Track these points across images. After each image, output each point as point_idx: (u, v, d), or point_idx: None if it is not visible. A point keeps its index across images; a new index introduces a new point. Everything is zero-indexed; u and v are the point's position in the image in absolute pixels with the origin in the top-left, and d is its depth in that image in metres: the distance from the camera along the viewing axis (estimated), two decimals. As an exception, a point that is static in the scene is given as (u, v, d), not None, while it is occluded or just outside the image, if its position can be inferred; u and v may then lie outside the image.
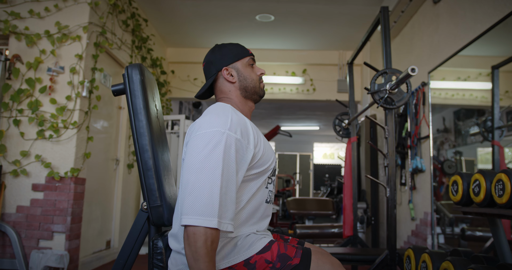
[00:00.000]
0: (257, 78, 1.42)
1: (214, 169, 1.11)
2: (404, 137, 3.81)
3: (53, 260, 2.90)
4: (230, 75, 1.38)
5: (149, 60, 4.81)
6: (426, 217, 3.41)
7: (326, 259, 1.26)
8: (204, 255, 1.06)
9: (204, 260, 1.06)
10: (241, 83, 1.39)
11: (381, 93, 2.02)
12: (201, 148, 1.15)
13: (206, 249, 1.06)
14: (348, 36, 5.20)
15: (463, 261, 1.57)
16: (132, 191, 4.52)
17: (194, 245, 1.06)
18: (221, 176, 1.12)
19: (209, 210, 1.07)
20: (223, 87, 1.40)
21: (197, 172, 1.12)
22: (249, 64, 1.41)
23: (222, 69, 1.38)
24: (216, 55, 1.40)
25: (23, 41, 3.21)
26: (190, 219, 1.07)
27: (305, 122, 10.61)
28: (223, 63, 1.38)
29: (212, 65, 1.40)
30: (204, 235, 1.06)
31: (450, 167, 3.33)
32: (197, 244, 1.06)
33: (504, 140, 2.70)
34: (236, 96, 1.39)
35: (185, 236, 1.09)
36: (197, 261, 1.06)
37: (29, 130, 3.16)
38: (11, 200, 3.11)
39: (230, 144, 1.16)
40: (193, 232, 1.07)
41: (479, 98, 3.32)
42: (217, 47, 1.43)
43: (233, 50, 1.40)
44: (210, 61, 1.41)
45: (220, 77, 1.40)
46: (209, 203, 1.08)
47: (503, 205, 1.42)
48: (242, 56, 1.40)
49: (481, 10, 2.78)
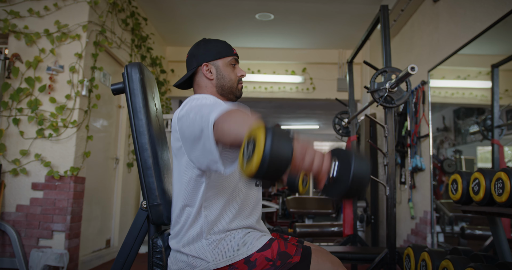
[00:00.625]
0: (236, 79, 1.43)
1: (206, 100, 1.18)
2: (404, 136, 3.81)
3: (53, 259, 2.90)
4: (209, 71, 1.40)
5: (149, 59, 4.81)
6: (426, 215, 3.41)
7: (326, 257, 1.26)
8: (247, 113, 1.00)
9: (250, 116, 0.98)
10: (218, 81, 1.40)
11: (381, 91, 2.02)
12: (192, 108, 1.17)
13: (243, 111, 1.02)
14: (347, 34, 5.20)
15: (462, 259, 1.57)
16: (132, 190, 4.52)
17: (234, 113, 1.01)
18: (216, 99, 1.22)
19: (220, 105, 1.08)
20: (201, 82, 1.42)
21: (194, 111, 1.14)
22: (231, 64, 1.42)
23: (202, 64, 1.40)
24: (200, 49, 1.42)
25: (23, 40, 3.21)
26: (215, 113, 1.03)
27: (305, 121, 10.60)
28: (204, 59, 1.40)
29: (194, 58, 1.42)
30: (235, 109, 1.03)
31: (450, 166, 3.33)
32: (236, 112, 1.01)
33: (503, 138, 2.71)
34: (211, 92, 1.41)
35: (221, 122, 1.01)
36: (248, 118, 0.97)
37: (29, 129, 3.16)
38: (11, 199, 3.11)
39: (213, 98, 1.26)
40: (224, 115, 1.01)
41: (479, 97, 3.32)
42: (203, 42, 1.45)
43: (217, 47, 1.42)
44: (193, 54, 1.43)
45: (199, 72, 1.42)
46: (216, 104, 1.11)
47: (503, 204, 1.42)
48: (225, 55, 1.42)
49: (481, 8, 2.77)
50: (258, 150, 0.78)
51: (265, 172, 0.79)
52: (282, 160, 0.79)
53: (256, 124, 0.86)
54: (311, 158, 0.83)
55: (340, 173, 0.86)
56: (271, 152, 0.77)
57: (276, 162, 0.78)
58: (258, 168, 0.79)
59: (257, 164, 0.78)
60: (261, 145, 0.78)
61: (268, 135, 0.79)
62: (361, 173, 0.84)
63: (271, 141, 0.78)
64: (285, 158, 0.79)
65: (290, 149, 0.80)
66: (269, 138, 0.78)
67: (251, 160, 0.80)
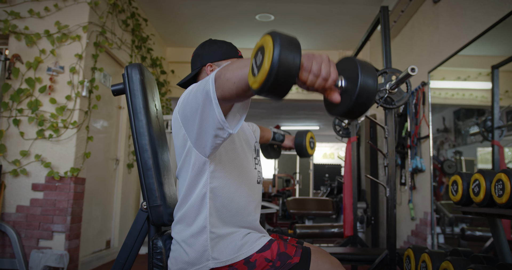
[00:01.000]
0: None
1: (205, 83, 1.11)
2: (404, 137, 3.81)
3: (53, 259, 2.90)
4: (212, 71, 1.39)
5: (149, 59, 4.81)
6: (426, 217, 3.41)
7: (326, 258, 1.26)
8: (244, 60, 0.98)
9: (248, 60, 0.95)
10: None
11: (381, 92, 2.02)
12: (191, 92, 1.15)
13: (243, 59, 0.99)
14: (348, 35, 5.20)
15: (462, 261, 1.57)
16: (132, 191, 4.52)
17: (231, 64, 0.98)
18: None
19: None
20: None
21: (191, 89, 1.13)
22: None
23: (206, 64, 1.40)
24: (205, 50, 1.43)
25: (23, 41, 3.21)
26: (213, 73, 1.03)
27: (305, 122, 10.60)
28: (209, 59, 1.40)
29: (198, 58, 1.42)
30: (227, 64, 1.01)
31: (450, 167, 3.33)
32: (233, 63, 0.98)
33: (504, 140, 2.70)
34: None
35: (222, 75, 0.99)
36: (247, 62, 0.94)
37: (29, 129, 3.16)
38: (11, 200, 3.11)
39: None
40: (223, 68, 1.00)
41: (479, 98, 3.32)
42: (208, 42, 1.45)
43: (222, 48, 1.42)
44: (198, 54, 1.43)
45: (203, 72, 1.42)
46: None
47: (503, 205, 1.42)
48: (230, 56, 1.42)
49: (481, 9, 2.77)
50: (268, 57, 0.77)
51: (275, 80, 0.77)
52: (291, 66, 0.77)
53: (265, 35, 0.84)
54: (318, 65, 0.82)
55: (348, 84, 0.83)
56: (280, 58, 0.76)
57: (286, 68, 0.77)
58: (267, 76, 0.77)
59: (266, 71, 0.77)
60: (270, 52, 0.77)
61: (277, 42, 0.77)
62: (368, 84, 0.81)
63: (279, 48, 0.77)
64: (294, 65, 0.78)
65: (298, 55, 0.78)
66: (277, 45, 0.77)
67: (260, 68, 0.79)
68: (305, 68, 0.82)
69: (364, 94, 0.82)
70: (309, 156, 1.97)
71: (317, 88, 0.85)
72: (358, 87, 0.81)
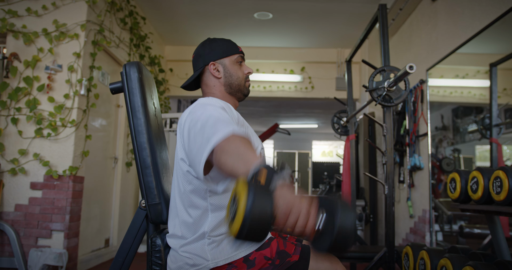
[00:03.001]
0: (243, 77, 1.43)
1: (214, 114, 1.12)
2: (403, 135, 3.81)
3: (51, 258, 2.90)
4: (216, 70, 1.40)
5: (147, 58, 4.80)
6: (425, 214, 3.42)
7: (325, 256, 1.26)
8: (246, 144, 0.98)
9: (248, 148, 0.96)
10: (226, 80, 1.40)
11: (379, 90, 2.02)
12: (197, 117, 1.16)
13: (243, 141, 0.99)
14: (346, 34, 5.20)
15: (461, 258, 1.58)
16: (131, 189, 4.52)
17: (233, 144, 0.98)
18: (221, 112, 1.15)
19: (222, 125, 1.05)
20: (208, 81, 1.41)
21: (200, 123, 1.12)
22: (237, 62, 1.42)
23: (209, 63, 1.40)
24: (205, 49, 1.42)
25: (21, 40, 3.20)
26: (214, 139, 1.02)
27: (304, 120, 10.61)
28: (211, 58, 1.40)
29: (200, 58, 1.41)
30: (233, 136, 1.00)
31: (449, 165, 3.34)
32: (235, 143, 0.98)
33: (502, 137, 2.71)
34: (220, 91, 1.41)
35: (219, 152, 1.00)
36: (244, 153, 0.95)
37: (27, 128, 3.15)
38: (10, 198, 3.11)
39: (220, 106, 1.21)
40: (223, 143, 1.00)
41: (477, 96, 3.32)
42: (208, 41, 1.44)
43: (223, 46, 1.41)
44: (199, 54, 1.42)
45: (207, 71, 1.41)
46: (218, 121, 1.08)
47: (501, 202, 1.43)
48: (231, 53, 1.41)
49: (479, 7, 2.78)
50: (239, 215, 0.78)
51: (245, 237, 0.79)
52: (262, 226, 0.78)
53: (243, 178, 0.85)
54: (294, 218, 0.81)
55: (326, 227, 0.84)
56: (250, 221, 0.76)
57: (256, 228, 0.78)
58: (238, 233, 0.79)
59: (237, 229, 0.78)
60: (241, 211, 0.77)
61: (249, 200, 0.77)
62: (345, 229, 0.82)
63: (250, 208, 0.76)
64: (265, 223, 0.78)
65: (270, 214, 0.78)
66: (249, 203, 0.77)
67: (233, 221, 0.80)
68: (280, 222, 0.81)
69: (341, 240, 0.82)
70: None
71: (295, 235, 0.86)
72: (335, 236, 0.81)
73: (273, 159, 12.76)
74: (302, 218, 0.81)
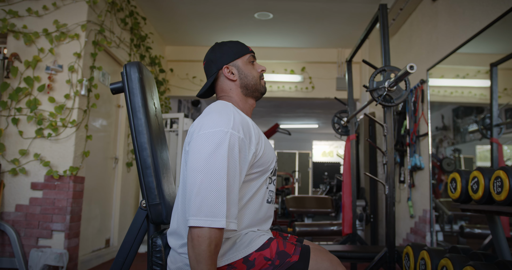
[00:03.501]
0: (258, 75, 1.42)
1: (220, 169, 1.12)
2: (403, 135, 3.81)
3: (52, 258, 2.90)
4: (231, 73, 1.38)
5: (148, 58, 4.80)
6: (425, 214, 3.42)
7: (325, 256, 1.26)
8: (207, 258, 1.07)
9: (206, 263, 1.07)
10: (242, 81, 1.38)
11: (380, 90, 2.02)
12: (206, 149, 1.14)
13: (210, 252, 1.07)
14: (346, 34, 5.20)
15: (461, 258, 1.58)
16: (131, 190, 4.52)
17: (198, 248, 1.07)
18: (227, 176, 1.12)
19: (217, 210, 1.09)
20: (224, 86, 1.40)
21: (203, 173, 1.12)
22: (250, 61, 1.41)
23: (222, 67, 1.38)
24: (216, 54, 1.40)
25: (21, 40, 3.20)
26: (198, 220, 1.08)
27: (304, 120, 10.60)
28: (223, 61, 1.38)
29: (212, 63, 1.39)
30: (209, 239, 1.07)
31: (449, 165, 3.33)
32: (201, 247, 1.07)
33: (502, 137, 2.71)
34: (237, 94, 1.39)
35: (189, 238, 1.09)
36: (200, 263, 1.07)
37: (28, 128, 3.15)
38: (10, 199, 3.11)
39: (234, 144, 1.16)
40: (198, 234, 1.07)
41: (477, 96, 3.32)
42: (217, 46, 1.43)
43: (233, 48, 1.40)
44: (211, 59, 1.40)
45: (221, 76, 1.40)
46: (217, 203, 1.09)
47: (502, 202, 1.43)
48: (243, 54, 1.40)
49: (479, 7, 2.78)
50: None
51: None
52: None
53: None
54: None
55: None
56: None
57: None
58: None
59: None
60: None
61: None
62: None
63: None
64: None
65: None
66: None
67: None
68: None
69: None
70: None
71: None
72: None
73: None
74: None
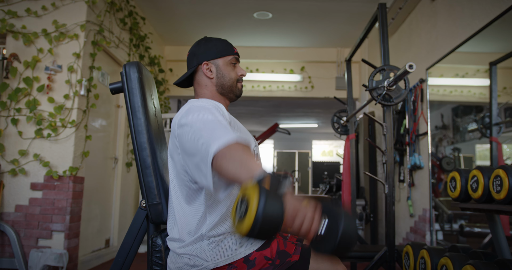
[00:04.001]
0: (236, 78, 1.43)
1: (211, 116, 1.16)
2: (403, 134, 3.81)
3: (52, 259, 2.90)
4: (209, 70, 1.40)
5: (147, 58, 4.80)
6: (425, 213, 3.42)
7: (325, 256, 1.26)
8: (248, 152, 1.00)
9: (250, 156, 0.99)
10: (218, 80, 1.40)
11: (379, 90, 2.02)
12: (192, 118, 1.18)
13: (245, 149, 1.01)
14: (346, 33, 5.20)
15: (461, 257, 1.58)
16: (131, 190, 4.52)
17: (235, 152, 1.00)
18: (219, 120, 1.15)
19: (226, 132, 1.07)
20: (201, 80, 1.42)
21: (199, 125, 1.14)
22: (231, 63, 1.42)
23: (202, 63, 1.40)
24: (200, 48, 1.42)
25: (21, 40, 3.20)
26: (217, 143, 1.02)
27: (304, 119, 10.60)
28: (205, 57, 1.40)
29: (194, 56, 1.42)
30: (236, 144, 1.02)
31: (449, 164, 3.34)
32: (237, 151, 1.00)
33: (502, 136, 2.71)
34: (211, 91, 1.41)
35: (220, 159, 1.01)
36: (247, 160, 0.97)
37: (27, 129, 3.15)
38: (10, 199, 3.11)
39: (214, 107, 1.23)
40: (225, 150, 1.01)
41: (477, 95, 3.32)
42: (204, 40, 1.44)
43: (218, 46, 1.41)
44: (194, 52, 1.43)
45: (200, 70, 1.42)
46: (223, 129, 1.09)
47: (501, 201, 1.43)
48: (226, 54, 1.41)
49: (478, 6, 2.78)
50: (250, 214, 0.81)
51: (255, 235, 0.82)
52: (273, 225, 0.82)
53: (251, 182, 0.88)
54: (300, 221, 0.86)
55: (328, 232, 0.88)
56: (262, 219, 0.80)
57: (267, 227, 0.81)
58: (248, 232, 0.82)
59: (248, 227, 0.81)
60: (253, 210, 0.81)
61: (261, 201, 0.81)
62: (348, 234, 0.86)
63: (263, 208, 0.80)
64: (276, 223, 0.82)
65: (281, 214, 0.83)
66: (261, 204, 0.81)
67: (242, 220, 0.83)
68: (288, 224, 0.86)
69: (343, 245, 0.87)
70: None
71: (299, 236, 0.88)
72: (338, 239, 0.86)
73: (273, 159, 12.75)
74: (307, 222, 0.86)
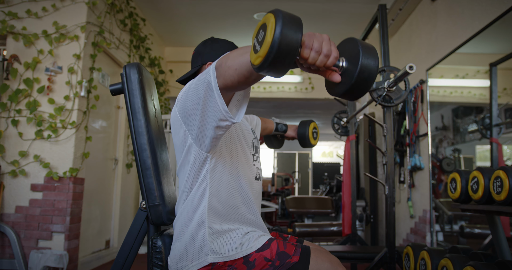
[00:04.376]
0: None
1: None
2: (403, 135, 3.81)
3: (52, 260, 2.90)
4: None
5: (147, 59, 4.81)
6: (425, 214, 3.42)
7: (325, 257, 1.26)
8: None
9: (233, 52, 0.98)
10: None
11: (379, 91, 2.02)
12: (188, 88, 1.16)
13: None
14: (346, 34, 5.20)
15: (461, 258, 1.58)
16: (131, 191, 4.52)
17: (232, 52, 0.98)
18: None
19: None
20: None
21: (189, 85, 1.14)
22: None
23: (206, 63, 1.40)
24: (206, 48, 1.43)
25: (21, 41, 3.20)
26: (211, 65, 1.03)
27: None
28: (209, 58, 1.40)
29: (199, 56, 1.42)
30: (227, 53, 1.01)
31: (449, 165, 3.34)
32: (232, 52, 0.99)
33: (502, 137, 2.71)
34: None
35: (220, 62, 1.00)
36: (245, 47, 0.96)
37: (28, 130, 3.15)
38: (10, 200, 3.11)
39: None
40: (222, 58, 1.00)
41: (477, 96, 3.32)
42: (210, 41, 1.45)
43: (223, 48, 1.42)
44: (199, 52, 1.43)
45: (203, 70, 1.41)
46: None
47: (501, 202, 1.43)
48: None
49: (478, 7, 2.78)
50: (270, 30, 0.78)
51: (277, 52, 0.77)
52: (293, 38, 0.78)
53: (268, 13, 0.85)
54: (320, 42, 0.82)
55: (349, 64, 0.84)
56: (282, 30, 0.76)
57: (288, 39, 0.77)
58: (269, 48, 0.77)
59: (269, 43, 0.77)
60: (273, 26, 0.78)
61: (279, 17, 0.78)
62: (369, 64, 0.82)
63: (281, 21, 0.77)
64: (296, 37, 0.78)
65: (300, 30, 0.79)
66: (279, 19, 0.78)
67: (263, 43, 0.79)
68: (307, 45, 0.82)
69: (365, 74, 0.82)
70: (312, 146, 1.97)
71: (318, 66, 0.84)
72: (359, 66, 0.82)
73: (273, 160, 12.75)
74: (326, 43, 0.82)
